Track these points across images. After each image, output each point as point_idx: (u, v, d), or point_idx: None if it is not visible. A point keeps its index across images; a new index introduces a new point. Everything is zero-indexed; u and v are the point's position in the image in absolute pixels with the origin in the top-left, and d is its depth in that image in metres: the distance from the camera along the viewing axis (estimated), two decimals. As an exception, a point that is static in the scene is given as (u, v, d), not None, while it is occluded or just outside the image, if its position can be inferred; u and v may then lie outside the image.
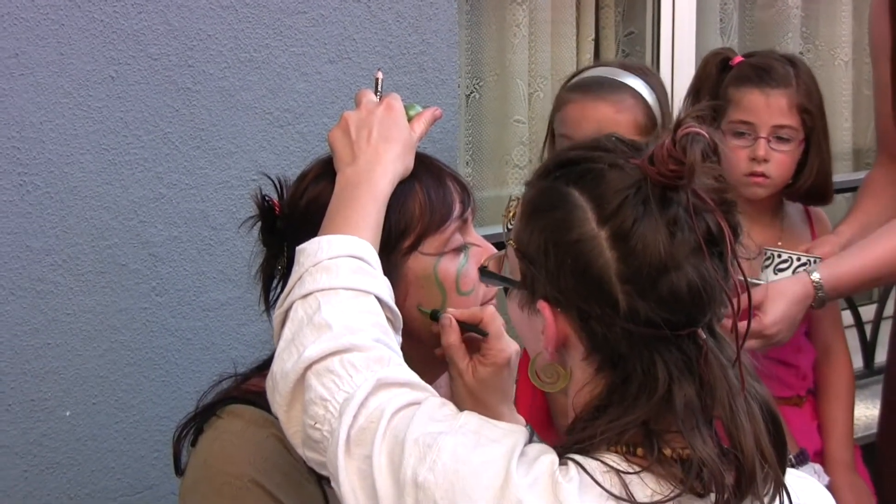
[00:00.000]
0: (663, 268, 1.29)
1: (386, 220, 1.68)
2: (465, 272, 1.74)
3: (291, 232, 1.74)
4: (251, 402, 1.73)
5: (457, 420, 1.34)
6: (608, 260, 1.31)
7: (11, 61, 2.03)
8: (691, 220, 1.29)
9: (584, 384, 1.37)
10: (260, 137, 2.28)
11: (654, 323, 1.30)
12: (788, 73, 2.64)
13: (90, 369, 2.15)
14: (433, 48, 2.47)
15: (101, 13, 2.10)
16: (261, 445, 1.70)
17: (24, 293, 2.08)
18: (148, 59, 2.16)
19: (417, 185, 1.72)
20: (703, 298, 1.30)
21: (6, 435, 2.08)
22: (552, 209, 1.36)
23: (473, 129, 3.08)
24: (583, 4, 3.16)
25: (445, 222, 1.73)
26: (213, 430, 1.73)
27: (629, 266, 1.30)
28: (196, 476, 1.72)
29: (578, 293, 1.33)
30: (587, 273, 1.32)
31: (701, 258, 1.29)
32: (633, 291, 1.30)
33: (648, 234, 1.29)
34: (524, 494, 1.26)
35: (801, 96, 2.62)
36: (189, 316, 2.22)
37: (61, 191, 2.09)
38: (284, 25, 2.29)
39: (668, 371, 1.31)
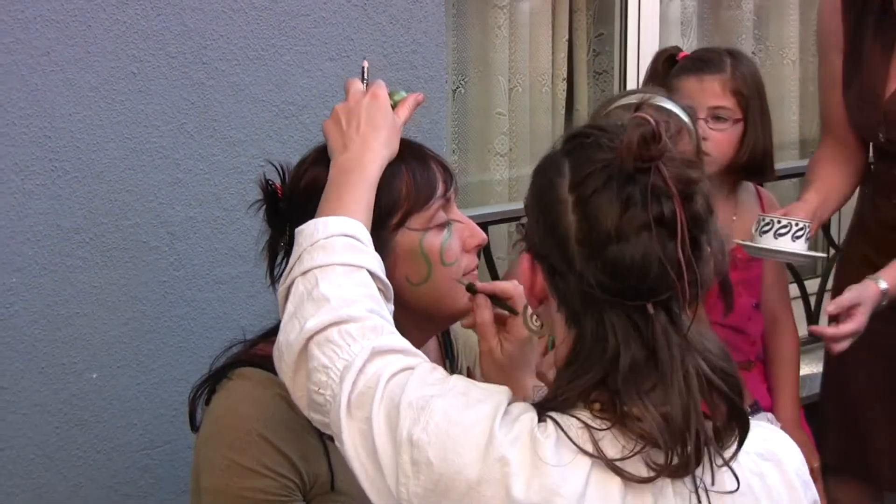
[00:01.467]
0: (609, 237, 1.29)
1: (376, 200, 1.68)
2: (448, 246, 1.74)
3: (292, 213, 1.75)
4: (258, 365, 1.73)
5: (446, 383, 1.36)
6: (570, 222, 1.33)
7: (43, 59, 2.02)
8: (645, 198, 1.28)
9: (562, 339, 1.39)
10: (267, 127, 2.28)
11: (602, 286, 1.30)
12: (723, 61, 2.67)
13: (115, 336, 2.15)
14: (423, 48, 2.47)
15: (123, 15, 2.09)
16: (267, 403, 1.70)
17: (56, 268, 2.08)
18: (166, 57, 2.15)
19: (404, 168, 1.73)
20: (644, 273, 1.30)
21: (40, 395, 2.08)
22: (545, 172, 1.39)
23: (459, 120, 3.08)
24: (558, 9, 3.16)
25: (430, 201, 1.73)
26: (224, 391, 1.73)
27: (583, 230, 1.32)
28: (209, 431, 1.73)
29: (549, 248, 1.36)
30: (556, 231, 1.34)
31: (649, 237, 1.28)
32: (585, 254, 1.31)
33: (603, 205, 1.30)
34: (506, 450, 1.27)
35: (735, 80, 2.64)
36: (203, 288, 2.22)
37: (88, 175, 2.09)
38: (289, 27, 2.29)
39: (615, 334, 1.31)
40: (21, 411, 2.07)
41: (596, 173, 1.31)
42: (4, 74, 1.99)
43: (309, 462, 1.71)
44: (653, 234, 1.29)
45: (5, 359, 2.05)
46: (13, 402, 2.06)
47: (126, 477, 2.18)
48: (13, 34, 1.98)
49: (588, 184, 1.32)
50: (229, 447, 1.69)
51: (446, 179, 1.76)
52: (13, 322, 2.05)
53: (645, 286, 1.30)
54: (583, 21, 3.20)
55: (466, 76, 3.06)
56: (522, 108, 3.14)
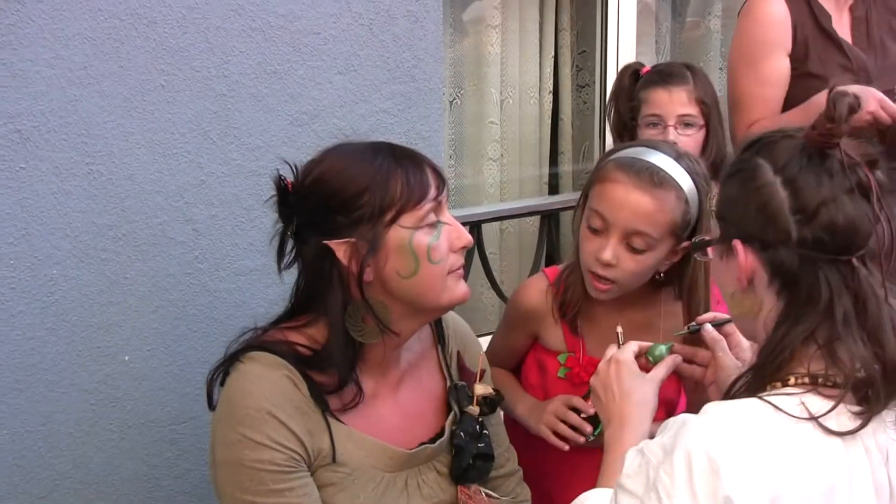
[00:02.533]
0: (823, 201, 1.41)
1: (373, 196, 1.70)
2: (436, 245, 1.73)
3: (298, 203, 1.76)
4: (267, 350, 1.75)
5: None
6: (782, 198, 1.43)
7: (81, 73, 2.02)
8: (843, 169, 1.41)
9: (770, 309, 1.48)
10: (282, 135, 2.27)
11: (819, 245, 1.41)
12: (685, 74, 2.69)
13: (145, 322, 2.15)
14: (423, 63, 2.46)
15: (153, 33, 2.09)
16: (275, 384, 1.72)
17: (91, 261, 2.08)
18: (191, 71, 2.15)
19: (400, 170, 1.73)
20: (855, 229, 1.41)
21: (77, 376, 2.09)
22: (741, 171, 1.49)
23: (455, 129, 3.09)
24: (544, 28, 3.16)
25: (421, 202, 1.73)
26: (236, 373, 1.75)
27: (798, 200, 1.42)
28: (223, 409, 1.75)
29: (761, 227, 1.45)
30: (767, 209, 1.44)
31: (852, 198, 1.41)
32: (801, 220, 1.42)
33: (812, 177, 1.42)
34: None
35: (698, 90, 2.67)
36: (224, 279, 2.22)
37: (121, 178, 2.09)
38: (302, 44, 2.28)
39: (829, 286, 1.41)
40: (60, 390, 2.07)
41: (797, 155, 1.44)
42: (46, 87, 1.98)
43: (313, 437, 1.73)
44: (855, 195, 1.41)
45: (47, 343, 2.05)
46: (54, 382, 2.06)
47: (155, 449, 2.18)
48: (54, 50, 1.98)
49: (792, 164, 1.44)
50: (241, 423, 1.70)
51: (439, 184, 1.76)
52: (53, 310, 2.04)
53: (853, 242, 1.41)
54: (567, 40, 3.21)
55: (462, 89, 3.08)
56: (513, 118, 3.16)
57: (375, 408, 1.83)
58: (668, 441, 1.40)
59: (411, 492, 1.82)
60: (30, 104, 1.97)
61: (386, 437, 1.81)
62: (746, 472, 1.35)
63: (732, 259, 1.49)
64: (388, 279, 1.73)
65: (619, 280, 1.97)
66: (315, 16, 2.29)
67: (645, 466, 1.41)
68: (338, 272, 1.74)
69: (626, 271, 1.95)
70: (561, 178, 3.28)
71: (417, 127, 2.47)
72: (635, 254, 1.94)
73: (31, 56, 1.96)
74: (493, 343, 2.30)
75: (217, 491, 1.77)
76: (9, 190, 1.97)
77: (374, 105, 2.40)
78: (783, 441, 1.38)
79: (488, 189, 3.22)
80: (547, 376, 2.16)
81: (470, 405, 1.90)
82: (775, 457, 1.37)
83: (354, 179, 1.73)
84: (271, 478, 1.69)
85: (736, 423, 1.40)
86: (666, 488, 1.36)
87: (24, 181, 1.98)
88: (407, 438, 1.85)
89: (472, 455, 1.86)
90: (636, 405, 1.65)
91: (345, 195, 1.72)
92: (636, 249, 1.94)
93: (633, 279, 1.99)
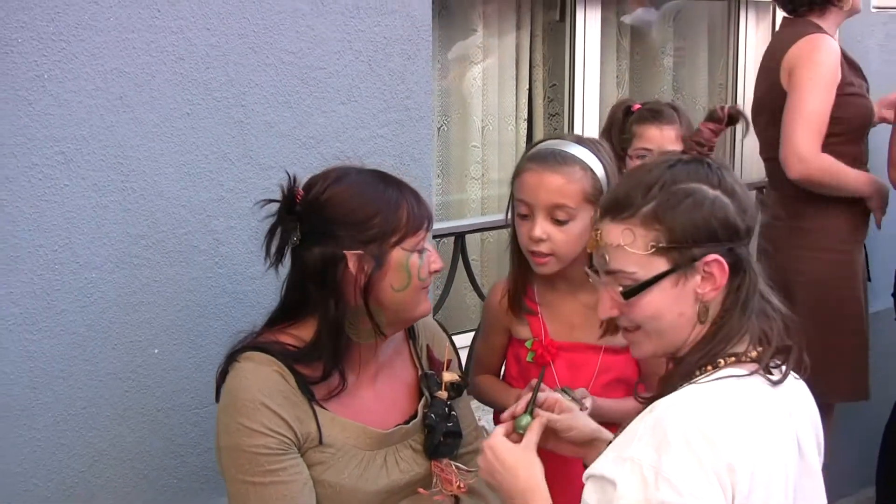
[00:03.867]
0: (746, 198, 1.49)
1: (384, 220, 1.74)
2: (422, 266, 1.79)
3: (309, 214, 1.78)
4: (260, 349, 1.78)
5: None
6: (729, 205, 1.45)
7: (117, 102, 2.03)
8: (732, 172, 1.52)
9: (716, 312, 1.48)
10: (292, 156, 2.27)
11: (750, 232, 1.49)
12: (674, 114, 2.66)
13: (171, 320, 2.15)
14: (415, 94, 2.47)
15: (180, 68, 2.10)
16: (266, 378, 1.74)
17: (126, 266, 2.08)
18: (213, 101, 2.16)
19: (405, 202, 1.78)
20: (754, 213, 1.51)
21: (113, 366, 2.09)
22: (683, 199, 1.46)
23: (443, 151, 3.09)
24: (520, 65, 3.16)
25: (419, 230, 1.79)
26: (234, 370, 1.77)
27: (737, 203, 1.47)
28: (224, 402, 1.77)
29: (727, 235, 1.45)
30: (727, 218, 1.45)
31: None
32: (742, 217, 1.47)
33: (729, 179, 1.49)
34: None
35: (682, 129, 2.64)
36: (241, 283, 2.22)
37: (151, 193, 2.09)
38: (310, 77, 2.29)
39: (751, 266, 1.49)
40: (98, 378, 2.08)
41: (710, 172, 1.47)
42: (87, 114, 1.99)
43: (301, 423, 1.75)
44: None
45: (87, 338, 2.05)
46: (92, 372, 2.07)
47: (181, 430, 2.18)
48: (94, 83, 1.99)
49: (713, 176, 1.47)
50: (238, 413, 1.72)
51: (429, 217, 1.82)
52: (92, 309, 2.05)
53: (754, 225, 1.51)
54: (540, 74, 3.20)
55: (449, 116, 3.06)
56: (492, 142, 3.15)
57: (356, 396, 1.84)
58: (653, 440, 1.36)
59: (390, 467, 1.84)
60: (73, 129, 1.98)
61: (366, 421, 1.83)
62: (736, 439, 1.36)
63: (691, 279, 1.44)
64: (382, 290, 1.77)
65: (555, 251, 2.02)
66: (321, 53, 2.30)
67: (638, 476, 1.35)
68: (340, 279, 1.77)
69: (558, 242, 2.01)
70: (535, 195, 3.28)
71: (410, 150, 2.47)
72: (560, 225, 2.00)
73: (75, 88, 1.97)
74: (477, 350, 2.30)
75: (222, 473, 1.79)
76: (54, 204, 1.98)
77: (372, 131, 2.41)
78: (752, 407, 1.41)
79: (471, 204, 3.24)
80: (521, 364, 2.18)
81: (439, 390, 1.92)
82: (748, 421, 1.39)
83: (369, 203, 1.77)
84: (266, 460, 1.71)
85: (710, 399, 1.40)
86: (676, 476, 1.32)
87: (68, 196, 1.99)
88: (385, 421, 1.86)
89: (442, 433, 1.87)
90: (526, 473, 1.56)
91: (360, 215, 1.76)
92: (560, 221, 2.00)
93: (566, 248, 2.02)
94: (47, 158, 1.97)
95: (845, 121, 2.94)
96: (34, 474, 2.02)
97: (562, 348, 2.12)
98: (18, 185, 1.94)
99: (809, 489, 1.50)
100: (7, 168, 1.92)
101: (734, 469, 1.35)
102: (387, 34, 2.39)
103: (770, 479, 1.39)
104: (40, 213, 1.97)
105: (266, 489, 1.71)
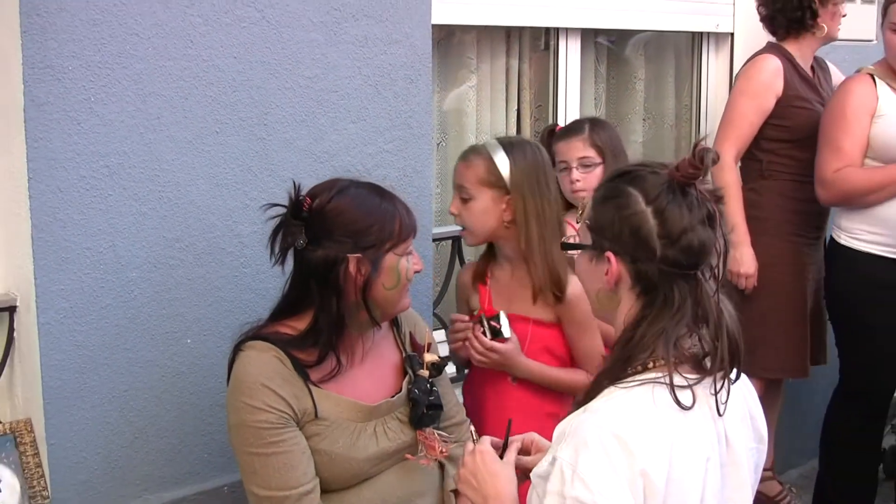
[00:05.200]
0: (684, 229, 1.38)
1: (381, 229, 1.78)
2: (408, 268, 1.84)
3: (315, 220, 1.80)
4: (261, 339, 1.81)
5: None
6: (652, 225, 1.39)
7: (154, 122, 2.04)
8: (699, 203, 1.39)
9: (629, 307, 1.43)
10: (309, 169, 2.28)
11: (676, 263, 1.38)
12: (582, 126, 2.60)
13: (203, 314, 2.17)
14: (416, 114, 2.48)
15: (210, 91, 2.11)
16: (266, 362, 1.77)
17: (161, 266, 2.09)
18: (239, 120, 2.17)
19: (398, 214, 1.82)
20: (704, 251, 1.39)
21: (151, 354, 2.10)
22: (616, 197, 1.43)
23: (441, 165, 3.08)
24: (510, 88, 3.15)
25: (409, 238, 1.83)
26: (239, 358, 1.81)
27: (665, 228, 1.38)
28: (232, 385, 1.81)
29: (633, 245, 1.40)
30: (639, 233, 1.39)
31: (704, 227, 1.39)
32: (666, 243, 1.38)
33: (676, 210, 1.39)
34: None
35: (593, 137, 2.56)
36: (264, 281, 2.21)
37: (184, 202, 2.10)
38: (324, 99, 2.30)
39: (680, 294, 1.39)
40: (138, 365, 2.09)
41: (664, 191, 1.39)
42: (128, 132, 2.00)
43: (299, 400, 1.77)
44: (705, 223, 1.39)
45: (128, 330, 2.06)
46: (132, 359, 2.08)
47: (210, 411, 2.18)
48: (135, 105, 2.01)
49: (661, 198, 1.39)
50: (243, 394, 1.75)
51: (416, 227, 1.86)
52: (133, 304, 2.06)
53: (701, 260, 1.39)
54: (527, 97, 3.19)
55: (447, 134, 3.05)
56: None
57: (348, 375, 1.87)
58: (574, 441, 1.33)
59: (379, 436, 1.86)
60: (116, 146, 2.00)
61: (356, 396, 1.86)
62: (650, 444, 1.32)
63: (602, 264, 1.43)
64: (376, 289, 1.81)
65: (467, 226, 2.21)
66: (334, 78, 2.31)
67: (558, 471, 1.33)
68: (341, 279, 1.80)
69: (465, 217, 2.19)
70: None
71: (412, 163, 2.48)
72: (465, 203, 2.18)
73: (118, 109, 1.99)
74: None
75: (233, 448, 1.81)
76: (99, 212, 1.99)
77: (379, 147, 2.42)
78: (666, 413, 1.35)
79: (466, 212, 3.22)
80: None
81: (421, 369, 1.95)
82: (665, 427, 1.35)
83: (368, 214, 1.80)
84: (268, 433, 1.74)
85: (628, 404, 1.35)
86: (590, 476, 1.30)
87: (111, 205, 2.01)
88: (373, 396, 1.89)
89: (425, 405, 1.90)
90: (505, 482, 1.53)
91: (361, 224, 1.79)
92: (464, 199, 2.18)
93: (474, 222, 2.19)
94: (94, 171, 1.98)
95: (792, 128, 3.00)
96: (83, 448, 2.04)
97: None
98: (69, 195, 1.95)
99: (734, 478, 1.45)
100: (58, 180, 1.94)
101: (648, 475, 1.31)
102: (392, 62, 2.41)
103: (685, 483, 1.35)
104: (87, 220, 1.99)
105: (269, 459, 1.73)
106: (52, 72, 1.90)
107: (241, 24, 2.14)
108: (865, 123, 2.91)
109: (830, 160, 2.93)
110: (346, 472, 1.82)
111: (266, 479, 1.74)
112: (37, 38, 1.87)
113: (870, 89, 2.94)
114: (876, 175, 2.91)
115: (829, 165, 2.93)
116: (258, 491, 1.75)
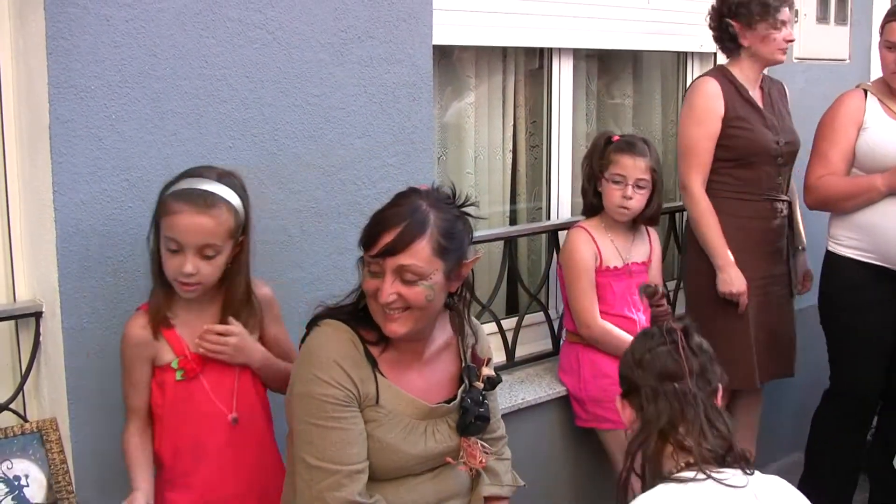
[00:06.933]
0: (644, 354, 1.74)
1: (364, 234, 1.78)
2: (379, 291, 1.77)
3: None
4: (336, 318, 1.82)
5: None
6: (629, 359, 1.75)
7: (172, 137, 2.05)
8: (661, 332, 1.76)
9: (632, 422, 1.73)
10: (316, 182, 2.29)
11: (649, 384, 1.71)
12: (645, 149, 2.68)
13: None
14: (419, 129, 2.49)
15: (224, 108, 2.13)
16: (340, 341, 1.79)
17: None
18: (251, 136, 2.18)
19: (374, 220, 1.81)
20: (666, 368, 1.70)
21: None
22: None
23: (442, 177, 3.04)
24: (506, 105, 3.16)
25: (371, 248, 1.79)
26: (313, 332, 1.82)
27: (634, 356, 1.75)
28: (303, 356, 1.81)
29: (626, 384, 1.77)
30: (623, 370, 1.77)
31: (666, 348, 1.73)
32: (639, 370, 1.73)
33: (639, 342, 1.78)
34: None
35: (651, 161, 2.67)
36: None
37: None
38: (331, 116, 2.31)
39: (661, 407, 1.68)
40: None
41: (639, 337, 1.79)
42: (146, 148, 2.01)
43: (364, 383, 1.78)
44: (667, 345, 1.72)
45: None
46: None
47: None
48: (153, 122, 2.02)
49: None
50: (313, 366, 1.76)
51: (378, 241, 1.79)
52: None
53: (668, 376, 1.68)
54: (523, 113, 3.20)
55: (447, 148, 3.06)
56: (483, 170, 3.14)
57: (409, 374, 1.88)
58: None
59: (428, 436, 1.87)
60: (136, 160, 2.01)
61: (415, 394, 1.87)
62: None
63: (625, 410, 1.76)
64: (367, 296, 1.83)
65: (203, 282, 1.89)
66: (341, 95, 2.32)
67: None
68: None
69: (205, 273, 1.88)
70: (518, 213, 3.27)
71: (414, 176, 2.49)
72: (209, 260, 1.87)
73: (137, 126, 2.00)
74: (124, 391, 1.96)
75: (289, 415, 1.82)
76: (119, 223, 2.00)
77: (383, 160, 2.43)
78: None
79: (465, 222, 3.22)
80: (166, 389, 1.94)
81: (477, 381, 1.95)
82: None
83: (372, 218, 1.83)
84: (332, 408, 1.74)
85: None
86: None
87: (132, 216, 2.01)
88: (430, 398, 1.90)
89: (474, 416, 1.90)
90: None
91: (365, 228, 1.83)
92: (208, 257, 1.87)
93: (212, 277, 1.90)
94: (115, 185, 1.99)
95: (731, 149, 2.92)
96: (105, 446, 2.02)
97: (205, 360, 1.95)
98: (91, 207, 1.97)
99: None
100: (82, 193, 1.95)
101: None
102: (395, 80, 2.42)
103: None
104: (109, 230, 1.99)
105: (328, 432, 1.74)
106: (76, 91, 1.92)
107: (253, 45, 2.16)
108: (852, 135, 2.97)
109: (816, 167, 3.03)
110: (393, 464, 1.83)
111: (321, 451, 1.74)
112: (62, 59, 1.89)
113: (860, 103, 3.01)
114: (851, 184, 2.98)
115: (815, 172, 3.03)
116: (311, 461, 1.74)
